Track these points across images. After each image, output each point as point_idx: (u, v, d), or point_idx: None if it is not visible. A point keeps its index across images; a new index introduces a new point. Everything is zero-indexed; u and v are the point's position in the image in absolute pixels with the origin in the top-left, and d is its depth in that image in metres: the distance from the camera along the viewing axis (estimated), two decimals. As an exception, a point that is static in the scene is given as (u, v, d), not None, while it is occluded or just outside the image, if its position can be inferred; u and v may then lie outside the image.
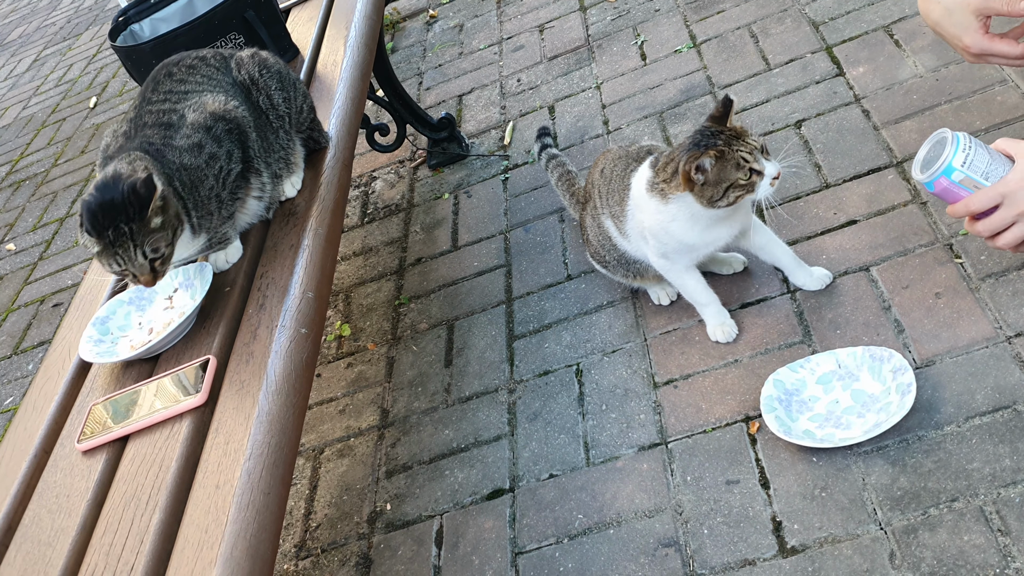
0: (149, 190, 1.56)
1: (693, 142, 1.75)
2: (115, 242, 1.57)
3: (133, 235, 1.57)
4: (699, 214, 1.79)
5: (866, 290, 1.91)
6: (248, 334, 1.59)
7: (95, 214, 1.57)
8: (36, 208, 4.10)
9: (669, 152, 1.82)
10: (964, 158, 1.43)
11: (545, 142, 2.49)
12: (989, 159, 1.45)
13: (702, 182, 1.72)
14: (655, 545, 1.66)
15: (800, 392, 1.77)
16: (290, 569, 1.96)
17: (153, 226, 1.58)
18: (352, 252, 2.83)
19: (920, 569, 1.45)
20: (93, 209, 1.57)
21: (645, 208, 1.85)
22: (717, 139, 1.73)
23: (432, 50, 3.72)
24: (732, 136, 1.73)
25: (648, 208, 1.84)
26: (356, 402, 2.29)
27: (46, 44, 6.23)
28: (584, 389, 2.01)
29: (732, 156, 1.71)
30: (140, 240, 1.58)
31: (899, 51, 2.45)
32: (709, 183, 1.72)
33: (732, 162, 1.71)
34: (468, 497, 1.91)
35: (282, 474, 1.30)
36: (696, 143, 1.74)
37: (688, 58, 2.86)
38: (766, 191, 1.74)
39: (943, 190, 1.48)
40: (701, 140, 1.74)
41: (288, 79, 1.99)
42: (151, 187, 1.56)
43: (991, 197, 1.43)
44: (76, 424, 1.60)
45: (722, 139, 1.73)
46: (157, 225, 1.59)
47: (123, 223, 1.56)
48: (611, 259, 2.03)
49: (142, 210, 1.56)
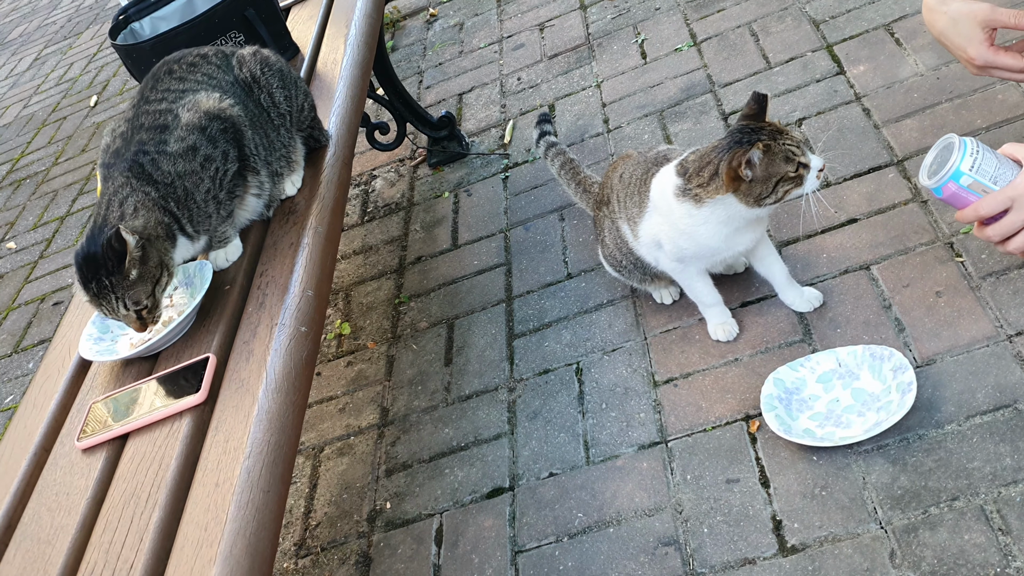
0: (122, 244, 1.58)
1: (733, 140, 1.71)
2: (99, 294, 1.60)
3: (114, 288, 1.59)
4: (735, 216, 1.75)
5: (866, 289, 1.90)
6: (248, 332, 1.59)
7: (81, 267, 1.60)
8: (36, 207, 4.10)
9: (699, 156, 1.77)
10: (972, 162, 1.42)
11: (544, 129, 2.43)
12: (997, 163, 1.44)
13: (750, 178, 1.68)
14: (655, 544, 1.66)
15: (800, 391, 1.77)
16: (290, 567, 1.96)
17: (132, 278, 1.59)
18: (352, 251, 2.83)
19: (920, 568, 1.45)
20: (79, 261, 1.60)
21: (671, 213, 1.81)
22: (759, 135, 1.69)
23: (432, 48, 3.72)
24: (774, 131, 1.70)
25: (676, 213, 1.80)
26: (356, 401, 2.29)
27: (47, 43, 6.23)
28: (584, 388, 2.01)
29: (780, 149, 1.67)
30: (120, 293, 1.59)
31: (900, 50, 2.45)
32: (757, 179, 1.68)
33: (781, 155, 1.67)
34: (468, 496, 1.91)
35: (282, 472, 1.30)
36: (737, 141, 1.70)
37: (688, 57, 2.86)
38: (813, 184, 1.70)
39: (951, 195, 1.46)
40: (742, 138, 1.70)
41: (290, 77, 1.99)
42: (123, 241, 1.58)
43: (1001, 201, 1.41)
44: (76, 422, 1.60)
45: (765, 134, 1.69)
46: (135, 277, 1.60)
47: (104, 276, 1.58)
48: (627, 263, 2.02)
49: (119, 264, 1.58)
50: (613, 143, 2.68)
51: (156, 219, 1.66)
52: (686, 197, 1.78)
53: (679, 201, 1.79)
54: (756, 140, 1.68)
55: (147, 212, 1.66)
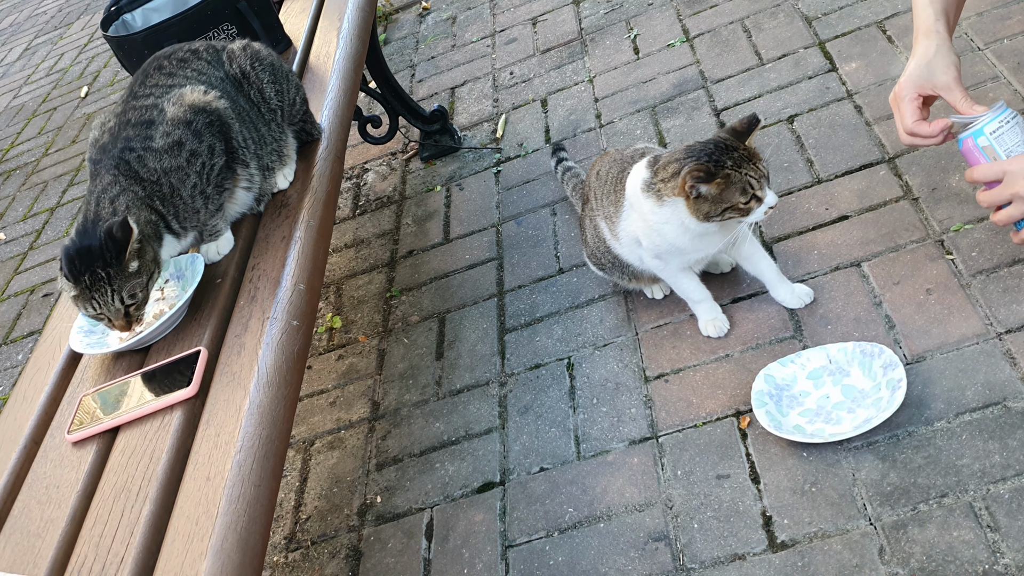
0: (126, 234, 1.57)
1: (704, 150, 1.72)
2: (92, 287, 1.58)
3: (111, 280, 1.58)
4: (689, 223, 1.77)
5: (857, 286, 1.91)
6: (239, 326, 1.59)
7: (72, 259, 1.58)
8: (26, 197, 4.08)
9: (672, 152, 1.79)
10: (996, 127, 1.49)
11: (560, 156, 2.49)
12: (1019, 140, 1.50)
13: (698, 196, 1.70)
14: (645, 539, 1.67)
15: (791, 387, 1.77)
16: (280, 561, 1.96)
17: (131, 270, 1.59)
18: (344, 244, 2.82)
19: (909, 564, 1.45)
20: (71, 255, 1.58)
21: (639, 208, 1.83)
22: (729, 156, 1.70)
23: (425, 42, 3.71)
24: (744, 157, 1.70)
25: (642, 208, 1.82)
26: (347, 394, 2.29)
27: (37, 33, 6.20)
28: (575, 383, 2.01)
29: (740, 179, 1.69)
30: (117, 284, 1.58)
31: (892, 47, 2.45)
32: (708, 199, 1.70)
33: (738, 185, 1.69)
34: (459, 490, 1.92)
35: (273, 466, 1.30)
36: (708, 153, 1.71)
37: (681, 52, 2.86)
38: (758, 217, 1.74)
39: (967, 150, 1.54)
40: (713, 152, 1.70)
41: (281, 71, 1.98)
42: (127, 230, 1.57)
43: (994, 171, 1.49)
44: (66, 415, 1.59)
45: (734, 158, 1.70)
46: (134, 269, 1.59)
47: (100, 268, 1.57)
48: (606, 261, 2.03)
49: (119, 254, 1.57)
50: (605, 138, 2.68)
51: (144, 217, 1.66)
52: (650, 192, 1.79)
53: (645, 195, 1.80)
54: (724, 162, 1.69)
55: (136, 210, 1.65)
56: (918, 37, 1.65)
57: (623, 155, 1.98)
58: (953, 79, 1.59)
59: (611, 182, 1.94)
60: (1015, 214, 1.48)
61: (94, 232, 1.58)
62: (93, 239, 1.57)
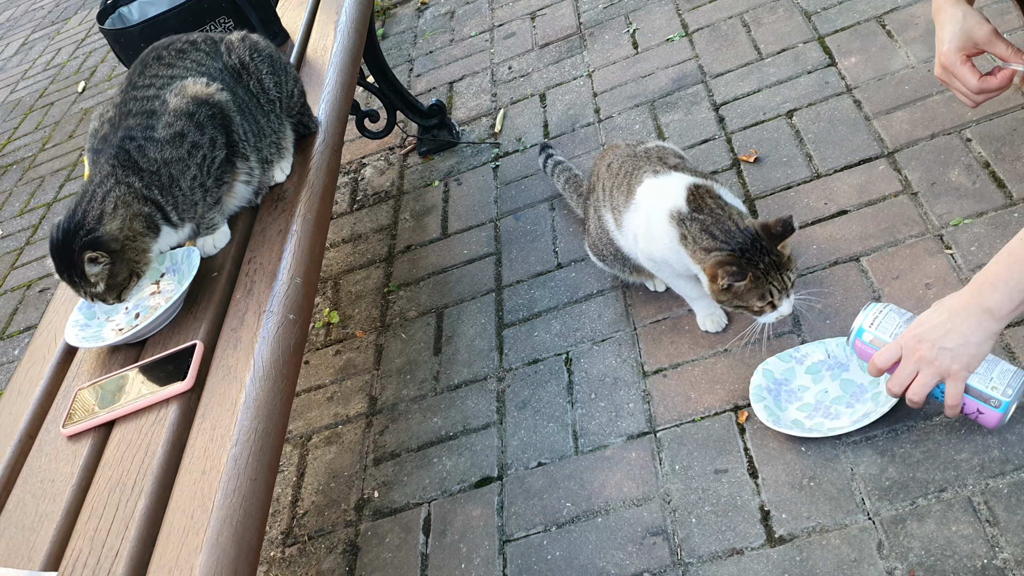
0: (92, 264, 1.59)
1: (738, 244, 1.68)
2: (69, 283, 1.63)
3: (82, 285, 1.62)
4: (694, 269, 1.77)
5: (856, 280, 1.90)
6: (235, 320, 1.58)
7: (54, 256, 1.61)
8: (23, 193, 4.07)
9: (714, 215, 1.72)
10: (872, 320, 1.57)
11: (548, 152, 2.49)
12: (901, 322, 1.56)
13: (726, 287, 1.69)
14: (643, 534, 1.66)
15: (789, 382, 1.77)
16: (276, 556, 1.96)
17: (98, 290, 1.62)
18: (341, 239, 2.82)
19: (908, 559, 1.45)
20: (53, 251, 1.62)
21: (656, 226, 1.79)
22: (760, 259, 1.67)
23: (423, 37, 3.70)
24: (773, 264, 1.67)
25: (662, 230, 1.78)
26: (344, 389, 2.28)
27: (34, 28, 6.18)
28: (573, 378, 2.01)
29: (762, 286, 1.68)
30: (87, 291, 1.63)
31: (891, 42, 2.44)
32: (731, 291, 1.69)
33: (758, 292, 1.68)
34: (456, 485, 1.91)
35: (269, 460, 1.29)
36: (742, 249, 1.67)
37: (680, 47, 2.86)
38: (767, 320, 1.73)
39: (860, 351, 1.60)
40: (745, 249, 1.67)
41: (279, 63, 1.97)
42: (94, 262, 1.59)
43: (892, 349, 1.52)
44: (61, 409, 1.58)
45: (764, 263, 1.67)
46: (101, 290, 1.62)
47: (74, 275, 1.60)
48: (608, 253, 2.02)
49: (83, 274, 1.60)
50: (604, 133, 2.67)
51: (135, 212, 1.65)
52: (677, 227, 1.76)
53: (670, 223, 1.77)
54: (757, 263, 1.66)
55: (126, 209, 1.64)
56: (942, 7, 1.63)
57: (635, 151, 1.97)
58: (991, 32, 1.58)
59: (623, 175, 1.92)
60: (926, 382, 1.46)
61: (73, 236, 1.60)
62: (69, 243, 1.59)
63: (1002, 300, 1.36)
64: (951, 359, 1.42)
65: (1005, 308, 1.37)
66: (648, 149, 1.97)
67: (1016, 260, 1.35)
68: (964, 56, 1.61)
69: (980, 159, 2.02)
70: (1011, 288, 1.35)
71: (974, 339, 1.41)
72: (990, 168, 1.99)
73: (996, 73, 1.62)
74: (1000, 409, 1.46)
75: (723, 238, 1.70)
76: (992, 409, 1.46)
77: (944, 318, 1.43)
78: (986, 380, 1.46)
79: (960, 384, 1.44)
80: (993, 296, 1.37)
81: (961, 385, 1.45)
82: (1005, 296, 1.36)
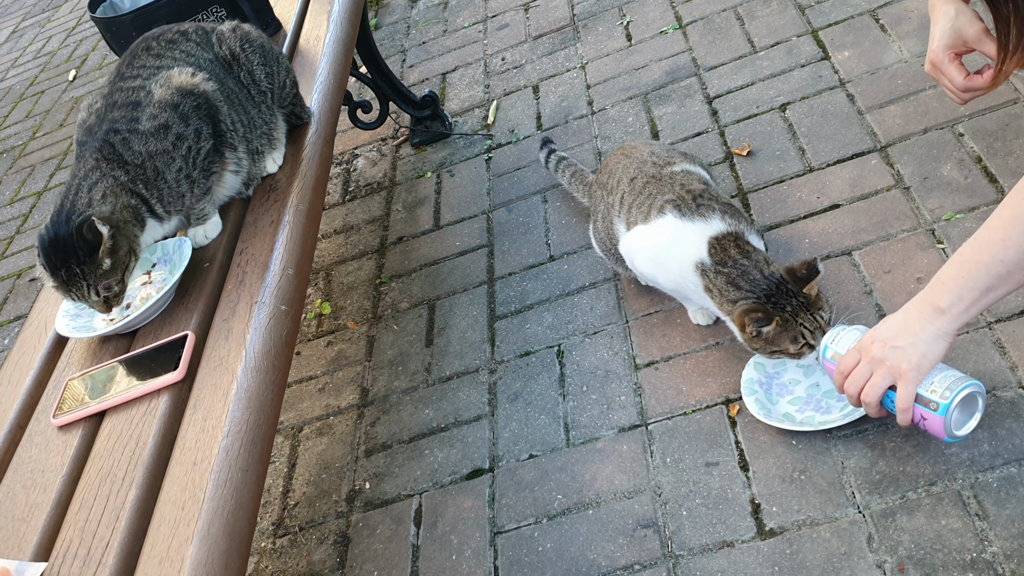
0: (95, 235, 1.57)
1: (763, 291, 1.67)
2: (68, 281, 1.59)
3: (85, 275, 1.58)
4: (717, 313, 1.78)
5: (848, 274, 1.91)
6: (227, 310, 1.58)
7: (48, 253, 1.58)
8: (13, 181, 4.05)
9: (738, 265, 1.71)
10: (833, 338, 1.60)
11: (550, 148, 2.48)
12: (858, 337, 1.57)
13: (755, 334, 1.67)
14: (634, 526, 1.66)
15: (780, 375, 1.77)
16: (267, 547, 1.96)
17: (104, 267, 1.59)
18: (333, 230, 2.81)
19: (897, 552, 1.46)
20: (46, 248, 1.58)
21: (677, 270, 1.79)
22: (787, 303, 1.65)
23: (416, 27, 3.69)
24: (802, 305, 1.65)
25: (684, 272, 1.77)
26: (336, 381, 2.28)
27: (25, 15, 6.15)
28: (565, 370, 2.01)
29: (792, 329, 1.65)
30: (92, 281, 1.59)
31: (884, 36, 2.44)
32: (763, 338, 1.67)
33: (790, 334, 1.65)
34: (447, 477, 1.91)
35: (260, 451, 1.29)
36: (768, 296, 1.66)
37: (674, 39, 2.85)
38: (808, 361, 1.70)
39: (827, 368, 1.61)
40: (771, 295, 1.66)
41: (271, 54, 1.97)
42: (96, 233, 1.57)
43: (852, 355, 1.51)
44: (52, 399, 1.58)
45: (791, 307, 1.65)
46: (108, 267, 1.59)
47: (75, 264, 1.57)
48: (613, 252, 2.00)
49: (92, 253, 1.57)
50: (597, 125, 2.66)
51: (123, 203, 1.65)
52: (701, 277, 1.75)
53: (695, 272, 1.76)
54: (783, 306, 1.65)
55: (115, 198, 1.64)
56: (936, 4, 1.63)
57: (661, 172, 1.89)
58: (982, 30, 1.58)
59: (646, 195, 1.86)
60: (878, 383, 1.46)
61: (66, 224, 1.58)
62: (65, 231, 1.57)
63: (952, 299, 1.37)
64: (901, 358, 1.42)
65: (956, 308, 1.37)
66: (674, 173, 1.89)
67: (967, 260, 1.36)
68: (953, 54, 1.62)
69: (972, 154, 2.02)
70: (960, 287, 1.36)
71: (924, 337, 1.40)
72: (982, 163, 1.99)
73: (984, 72, 1.62)
74: (939, 412, 1.42)
75: (748, 288, 1.69)
76: (932, 413, 1.43)
77: (899, 318, 1.44)
78: (927, 385, 1.44)
79: (910, 386, 1.42)
80: (943, 296, 1.38)
81: (911, 388, 1.42)
82: (955, 295, 1.37)
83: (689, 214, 1.80)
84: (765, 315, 1.64)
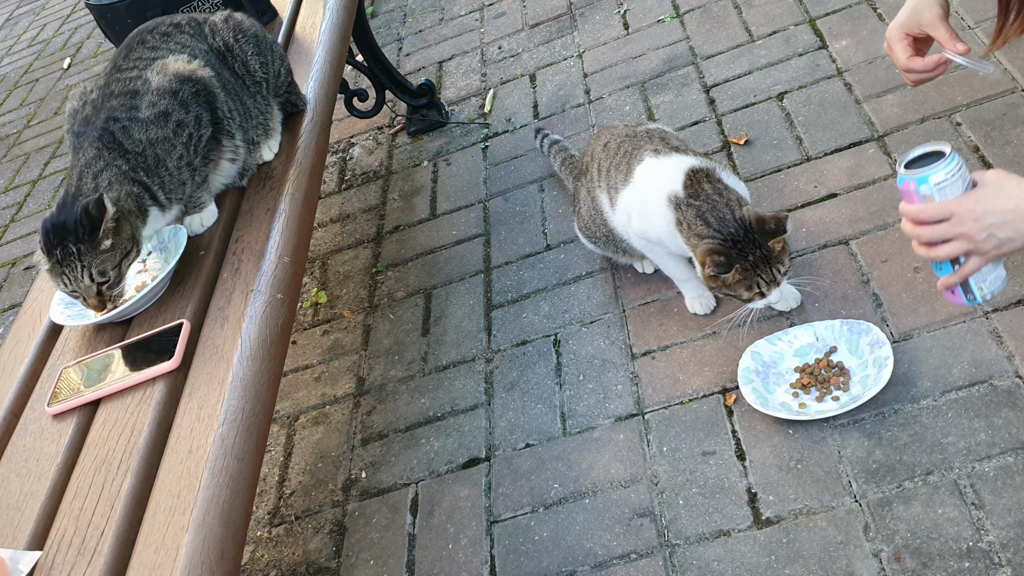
0: (100, 211, 1.55)
1: (730, 233, 1.68)
2: (63, 261, 1.57)
3: (80, 255, 1.56)
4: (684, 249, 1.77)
5: (845, 263, 1.90)
6: (223, 298, 1.57)
7: (48, 233, 1.57)
8: (8, 170, 4.04)
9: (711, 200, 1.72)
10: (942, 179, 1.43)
11: (544, 132, 2.48)
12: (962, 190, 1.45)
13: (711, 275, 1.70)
14: (630, 515, 1.66)
15: (777, 364, 1.77)
16: (263, 536, 1.95)
17: (103, 248, 1.57)
18: (329, 219, 2.80)
19: (894, 541, 1.46)
20: (47, 228, 1.58)
21: (652, 206, 1.79)
22: (750, 251, 1.67)
23: (413, 15, 3.67)
24: (763, 257, 1.67)
25: (658, 211, 1.78)
26: (332, 370, 2.27)
27: (19, 3, 6.12)
28: (562, 359, 2.01)
29: (750, 278, 1.69)
30: (87, 261, 1.56)
31: (882, 25, 2.44)
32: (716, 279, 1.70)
33: (746, 283, 1.69)
34: (444, 466, 1.91)
35: (256, 440, 1.29)
36: (734, 240, 1.67)
37: (671, 28, 2.84)
38: (756, 306, 1.74)
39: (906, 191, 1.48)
40: (737, 240, 1.67)
41: (265, 43, 1.96)
42: (102, 208, 1.55)
43: (941, 211, 1.44)
44: (47, 387, 1.57)
45: (754, 256, 1.67)
46: (107, 247, 1.58)
47: (71, 243, 1.55)
48: (600, 235, 2.01)
49: (92, 231, 1.56)
50: (594, 114, 2.66)
51: (127, 191, 1.64)
52: (673, 211, 1.76)
53: (667, 206, 1.76)
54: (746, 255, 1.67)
55: (119, 186, 1.63)
56: None
57: (635, 131, 1.95)
58: (937, 16, 1.59)
59: (622, 154, 1.91)
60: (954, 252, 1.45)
61: (72, 207, 1.57)
62: (70, 214, 1.56)
63: None
64: (994, 245, 1.39)
65: None
66: (649, 130, 1.95)
67: None
68: (904, 34, 1.63)
69: (970, 143, 2.02)
70: None
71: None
72: (980, 152, 1.99)
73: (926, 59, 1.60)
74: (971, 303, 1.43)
75: (716, 226, 1.69)
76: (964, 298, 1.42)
77: (1009, 207, 1.39)
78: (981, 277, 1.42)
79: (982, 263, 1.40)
80: None
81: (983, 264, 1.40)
82: None
83: (666, 152, 1.84)
84: (727, 260, 1.66)
